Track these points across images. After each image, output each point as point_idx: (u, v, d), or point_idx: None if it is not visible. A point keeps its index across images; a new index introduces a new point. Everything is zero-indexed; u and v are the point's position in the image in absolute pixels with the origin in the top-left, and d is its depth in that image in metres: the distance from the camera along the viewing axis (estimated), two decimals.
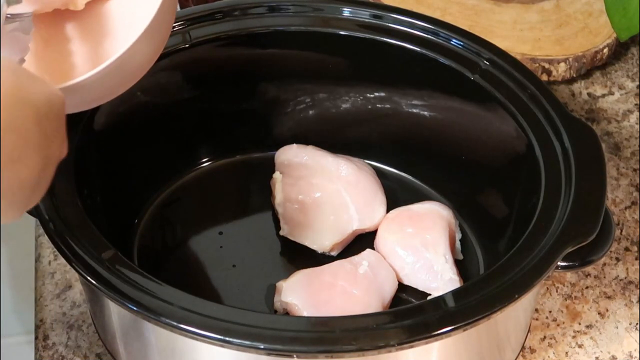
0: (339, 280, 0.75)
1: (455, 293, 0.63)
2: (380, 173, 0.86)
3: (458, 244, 0.82)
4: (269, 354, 0.60)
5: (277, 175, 0.84)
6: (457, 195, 0.85)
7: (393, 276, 0.78)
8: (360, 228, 0.82)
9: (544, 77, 0.99)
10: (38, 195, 0.53)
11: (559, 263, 0.65)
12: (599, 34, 1.02)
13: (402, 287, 0.78)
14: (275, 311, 0.76)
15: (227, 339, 0.59)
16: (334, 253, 0.81)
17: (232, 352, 0.60)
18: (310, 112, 0.88)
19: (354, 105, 0.87)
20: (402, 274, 0.78)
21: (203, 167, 0.88)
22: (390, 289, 0.77)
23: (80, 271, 0.63)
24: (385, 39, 0.82)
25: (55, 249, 0.65)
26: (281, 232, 0.82)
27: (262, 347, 0.59)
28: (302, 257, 0.80)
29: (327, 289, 0.74)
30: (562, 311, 0.81)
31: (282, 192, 0.83)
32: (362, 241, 0.81)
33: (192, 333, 0.59)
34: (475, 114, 0.81)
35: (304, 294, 0.74)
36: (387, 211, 0.83)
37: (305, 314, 0.72)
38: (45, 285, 0.81)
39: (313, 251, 0.81)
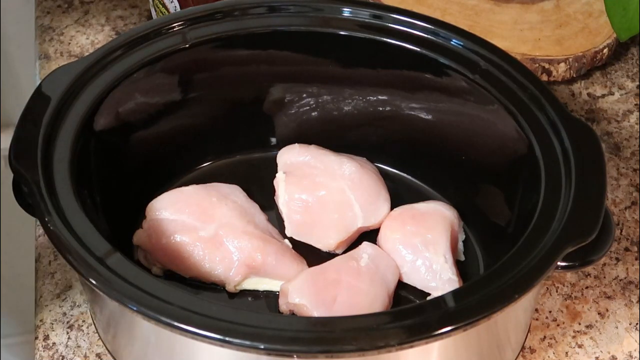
0: (343, 276, 0.75)
1: (455, 293, 0.63)
2: (381, 173, 0.86)
3: (461, 245, 0.82)
4: (269, 354, 0.60)
5: (280, 175, 0.84)
6: (457, 195, 0.85)
7: (394, 264, 0.78)
8: (364, 225, 0.82)
9: (544, 77, 0.99)
10: None
11: (558, 263, 0.65)
12: (599, 34, 1.02)
13: (401, 286, 0.78)
14: (281, 313, 0.76)
15: (227, 339, 0.59)
16: (339, 251, 0.81)
17: (232, 352, 0.60)
18: (311, 113, 0.88)
19: (354, 105, 0.87)
20: (402, 272, 0.78)
21: (203, 167, 0.88)
22: (393, 277, 0.77)
23: (80, 271, 0.63)
24: (385, 39, 0.82)
25: (55, 249, 0.65)
26: (286, 232, 0.82)
27: (262, 347, 0.59)
28: (307, 257, 0.80)
29: (333, 286, 0.74)
30: (562, 311, 0.81)
31: (286, 191, 0.83)
32: (366, 239, 0.81)
33: (192, 333, 0.59)
34: (475, 114, 0.81)
35: (312, 294, 0.74)
36: (391, 209, 0.83)
37: (315, 313, 0.72)
38: (45, 285, 0.81)
39: (318, 250, 0.81)
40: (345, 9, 0.83)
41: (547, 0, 1.05)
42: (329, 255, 0.80)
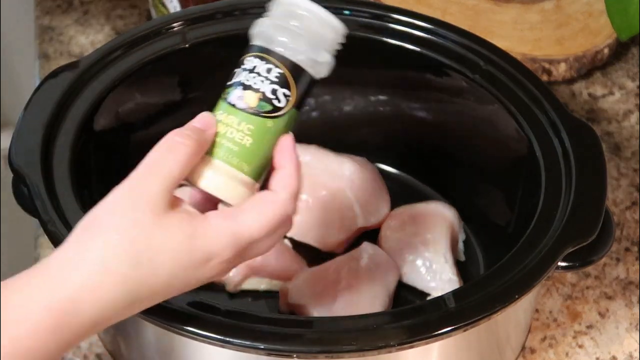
0: (343, 276, 0.75)
1: (455, 293, 0.63)
2: (381, 173, 0.86)
3: (461, 245, 0.82)
4: (269, 354, 0.60)
5: None
6: (457, 195, 0.85)
7: (393, 265, 0.78)
8: (364, 225, 0.82)
9: (544, 77, 0.99)
10: None
11: (559, 263, 0.65)
12: (599, 34, 1.02)
13: (401, 286, 0.78)
14: (281, 313, 0.76)
15: (227, 339, 0.59)
16: (339, 251, 0.81)
17: (232, 352, 0.60)
18: (311, 113, 0.87)
19: (354, 105, 0.87)
20: (402, 272, 0.78)
21: None
22: (393, 278, 0.77)
23: None
24: (385, 39, 0.82)
25: (55, 249, 0.65)
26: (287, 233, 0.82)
27: (262, 347, 0.59)
28: (307, 257, 0.80)
29: (332, 286, 0.74)
30: (562, 311, 0.81)
31: None
32: (366, 239, 0.81)
33: (192, 333, 0.59)
34: (475, 114, 0.81)
35: (312, 294, 0.74)
36: (391, 209, 0.83)
37: (315, 313, 0.72)
38: None
39: (318, 250, 0.81)
40: (345, 9, 0.83)
41: (547, 0, 1.05)
42: (329, 255, 0.80)
